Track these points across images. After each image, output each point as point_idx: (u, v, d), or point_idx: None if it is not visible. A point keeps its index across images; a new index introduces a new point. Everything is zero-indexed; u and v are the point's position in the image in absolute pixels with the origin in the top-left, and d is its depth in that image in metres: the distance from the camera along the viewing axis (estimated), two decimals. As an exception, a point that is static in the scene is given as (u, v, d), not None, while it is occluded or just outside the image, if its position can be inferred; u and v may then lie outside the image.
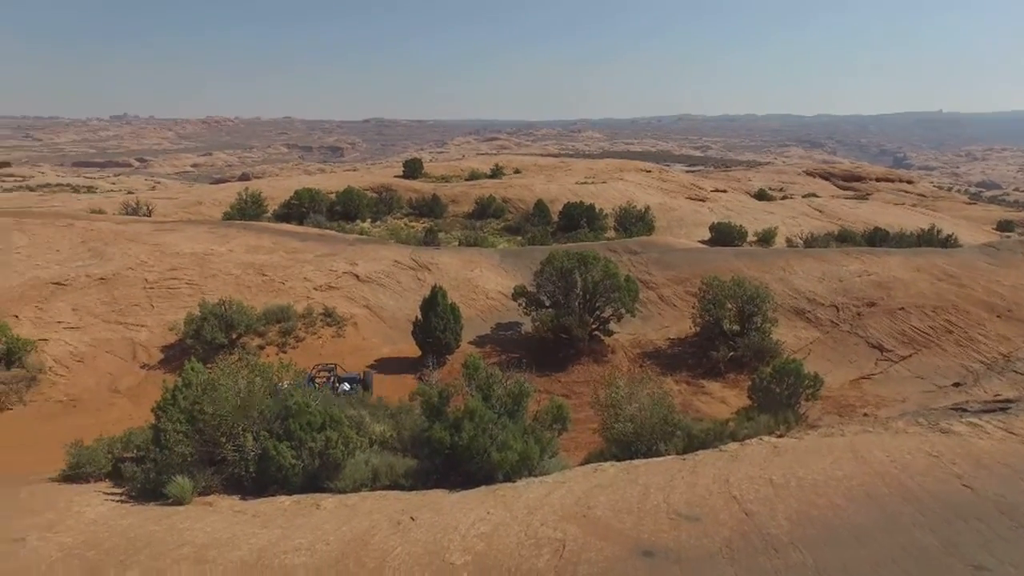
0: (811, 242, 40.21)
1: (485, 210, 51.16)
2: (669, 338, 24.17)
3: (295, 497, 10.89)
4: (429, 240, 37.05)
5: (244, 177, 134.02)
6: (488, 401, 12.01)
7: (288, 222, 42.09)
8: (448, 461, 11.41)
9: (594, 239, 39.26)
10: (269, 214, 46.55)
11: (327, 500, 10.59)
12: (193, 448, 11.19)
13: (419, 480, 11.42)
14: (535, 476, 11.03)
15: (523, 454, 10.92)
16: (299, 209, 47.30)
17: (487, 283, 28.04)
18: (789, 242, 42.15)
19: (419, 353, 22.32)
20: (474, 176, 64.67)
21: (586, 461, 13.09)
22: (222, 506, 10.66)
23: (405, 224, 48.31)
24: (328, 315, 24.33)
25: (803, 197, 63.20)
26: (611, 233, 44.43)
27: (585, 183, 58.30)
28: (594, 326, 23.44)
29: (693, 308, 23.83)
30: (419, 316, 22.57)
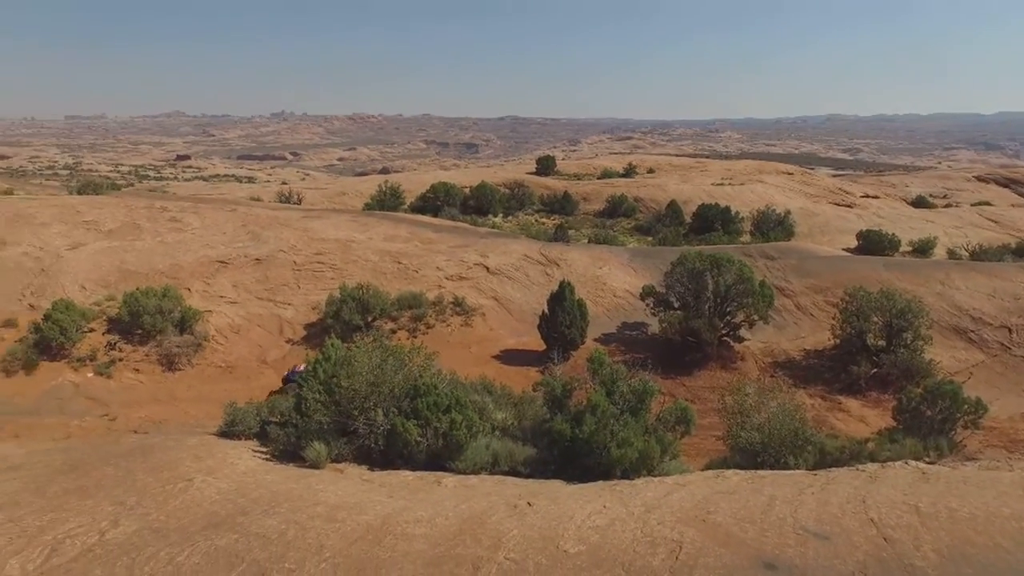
0: (980, 255, 36.24)
1: (616, 209, 50.70)
2: (804, 349, 22.77)
3: (418, 473, 11.42)
4: (559, 236, 37.29)
5: (384, 170, 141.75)
6: (611, 397, 11.93)
7: (424, 214, 44.00)
8: (567, 453, 11.47)
9: (728, 242, 37.76)
10: (406, 206, 48.90)
11: (448, 479, 11.01)
12: (329, 418, 12.04)
13: (537, 469, 11.58)
14: (654, 476, 10.84)
15: (643, 452, 10.76)
16: (434, 202, 49.27)
17: (615, 281, 27.80)
18: (951, 254, 38.26)
19: (543, 346, 22.54)
20: (606, 175, 64.22)
21: (707, 467, 12.66)
22: (352, 474, 11.38)
23: (536, 220, 48.93)
24: (458, 304, 25.17)
25: (972, 205, 56.96)
26: (746, 237, 42.54)
27: (721, 184, 56.16)
28: (724, 331, 22.56)
29: (833, 319, 22.28)
30: (546, 310, 22.80)
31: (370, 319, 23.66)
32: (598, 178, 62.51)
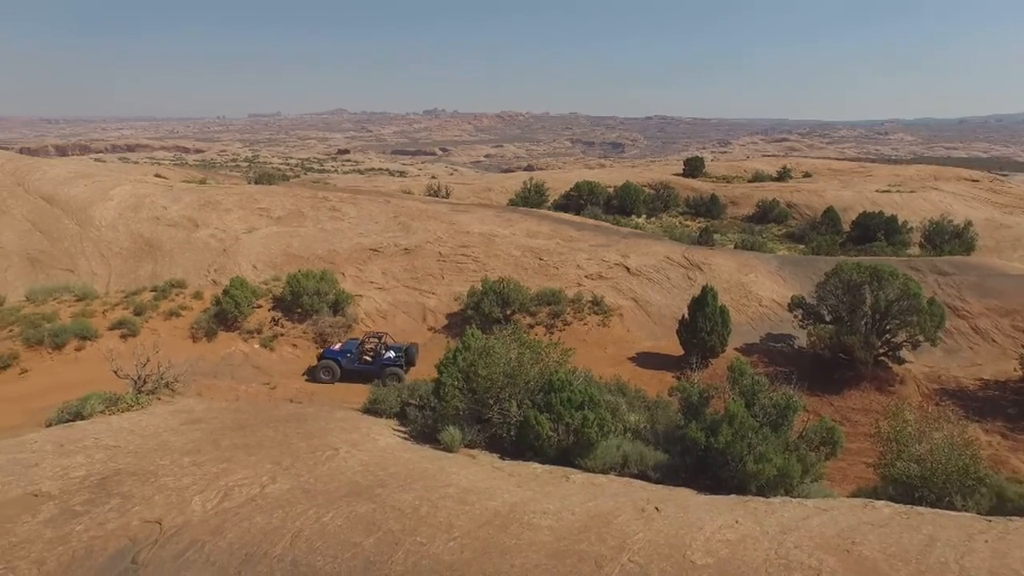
0: None
1: (767, 214, 48.17)
2: (981, 379, 20.37)
3: (547, 466, 11.56)
4: (703, 240, 36.05)
5: (529, 168, 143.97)
6: (750, 409, 11.39)
7: (566, 212, 44.26)
8: (700, 462, 11.11)
9: (892, 254, 34.58)
10: (549, 203, 49.44)
11: (576, 475, 11.05)
12: (465, 404, 12.51)
13: (667, 475, 11.31)
14: (792, 497, 10.21)
15: (782, 470, 10.17)
16: (577, 200, 49.41)
17: (761, 289, 26.44)
18: None
19: (681, 352, 21.94)
20: (758, 178, 61.17)
21: (855, 495, 11.71)
22: (483, 460, 11.74)
23: (680, 222, 47.66)
24: (596, 303, 25.11)
25: None
26: (915, 250, 38.72)
27: (887, 191, 51.49)
28: (881, 350, 20.72)
29: (1022, 347, 19.74)
30: (686, 315, 22.16)
31: (509, 312, 24.22)
32: (748, 181, 59.65)
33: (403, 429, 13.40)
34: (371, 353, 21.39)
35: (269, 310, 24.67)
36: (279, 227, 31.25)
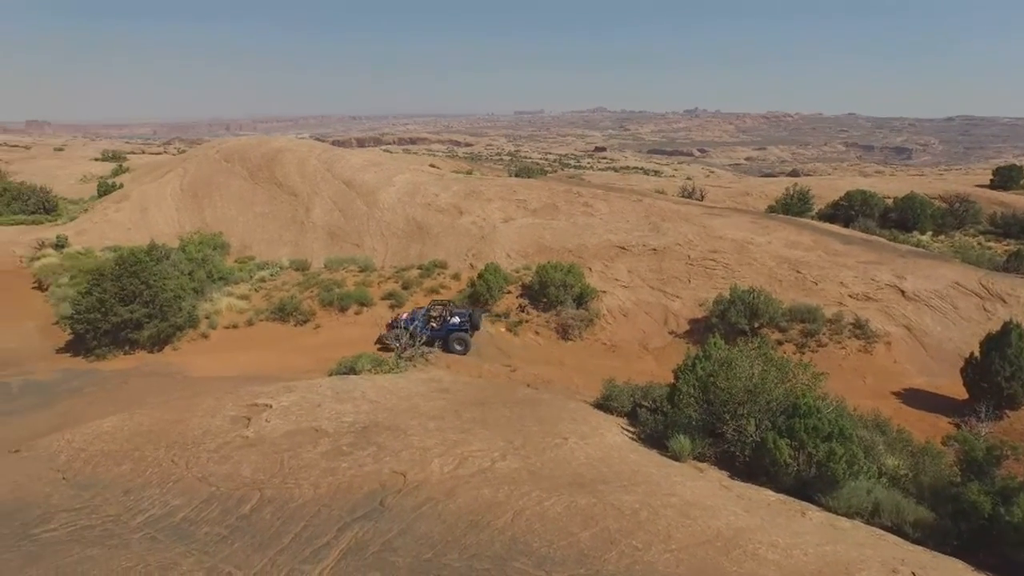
0: None
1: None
2: None
3: (781, 496, 10.61)
4: (1011, 266, 29.97)
5: (793, 173, 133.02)
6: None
7: (832, 223, 40.05)
8: (979, 533, 9.30)
9: None
10: (813, 212, 45.17)
11: (814, 512, 9.98)
12: (699, 415, 11.98)
13: (930, 537, 9.67)
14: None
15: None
16: (847, 211, 44.43)
17: (1087, 334, 21.27)
18: None
19: (965, 396, 18.63)
20: (1099, 195, 49.25)
21: None
22: (711, 476, 11.16)
23: (979, 243, 40.37)
24: (858, 326, 22.39)
25: None
26: None
27: None
28: None
29: None
30: (976, 353, 18.71)
31: (756, 325, 22.69)
32: (1086, 199, 48.24)
33: (632, 429, 13.29)
34: (438, 319, 22.55)
35: (517, 296, 26.16)
36: (534, 219, 32.89)
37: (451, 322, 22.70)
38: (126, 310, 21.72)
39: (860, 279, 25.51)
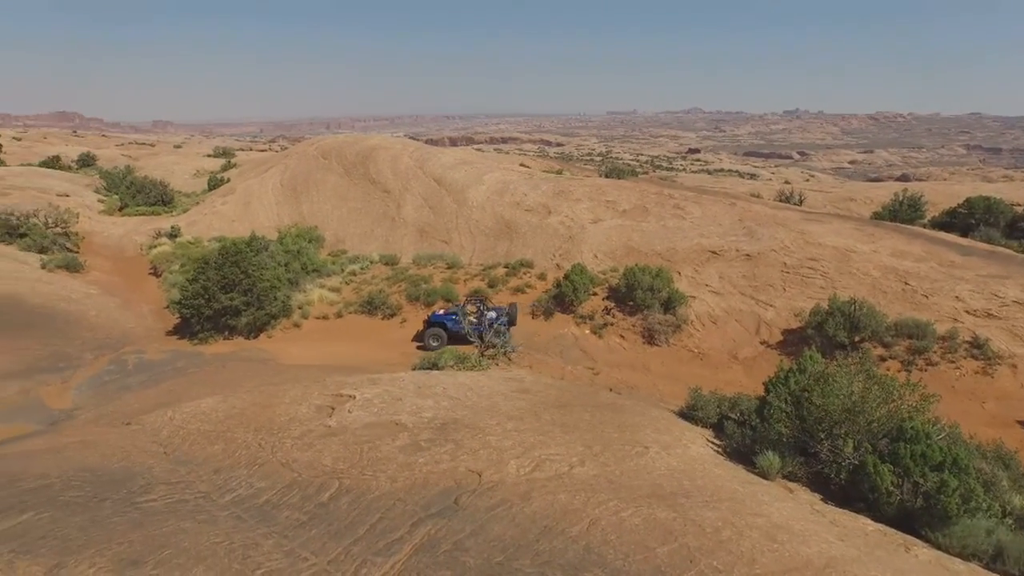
0: None
1: None
2: None
3: (881, 526, 9.79)
4: None
5: (903, 178, 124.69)
6: None
7: (948, 232, 37.09)
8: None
9: None
10: (925, 220, 42.04)
11: (920, 549, 9.13)
12: (790, 431, 11.27)
13: (1063, 589, 8.65)
14: None
15: None
16: (966, 219, 41.01)
17: None
18: None
19: (1101, 428, 16.73)
20: None
21: None
22: (802, 498, 10.45)
23: None
24: (976, 346, 20.54)
25: None
26: None
27: None
28: None
29: None
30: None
31: (857, 339, 21.28)
32: None
33: (717, 442, 12.71)
34: (475, 315, 22.32)
35: (603, 299, 25.75)
36: (622, 220, 32.31)
37: (488, 317, 22.57)
38: (226, 298, 22.96)
39: (980, 294, 23.43)
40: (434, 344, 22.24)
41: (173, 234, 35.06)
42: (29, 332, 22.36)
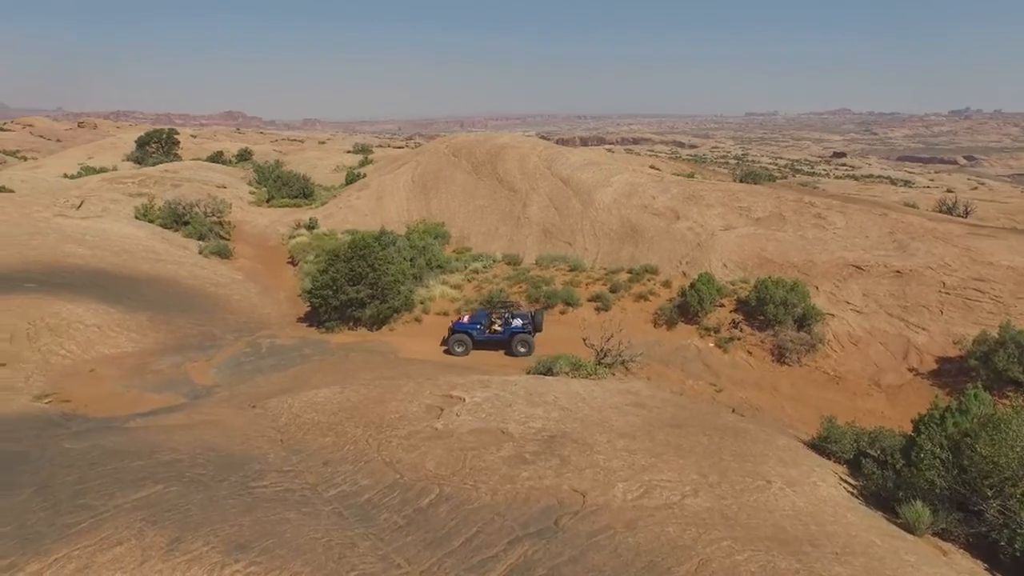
0: None
1: None
2: None
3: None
4: None
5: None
6: None
7: None
8: None
9: None
10: None
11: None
12: (946, 481, 9.79)
13: None
14: None
15: None
16: None
17: None
18: None
19: None
20: None
21: None
22: (959, 564, 9.01)
23: None
24: None
25: None
26: None
27: None
28: None
29: None
30: None
31: (1030, 375, 18.54)
32: None
33: (853, 482, 11.36)
34: (500, 322, 22.03)
35: (731, 311, 24.28)
36: (756, 228, 30.38)
37: (513, 324, 22.33)
38: (353, 290, 23.89)
39: None
40: (459, 350, 21.96)
41: (311, 226, 37.23)
42: (184, 313, 24.49)
